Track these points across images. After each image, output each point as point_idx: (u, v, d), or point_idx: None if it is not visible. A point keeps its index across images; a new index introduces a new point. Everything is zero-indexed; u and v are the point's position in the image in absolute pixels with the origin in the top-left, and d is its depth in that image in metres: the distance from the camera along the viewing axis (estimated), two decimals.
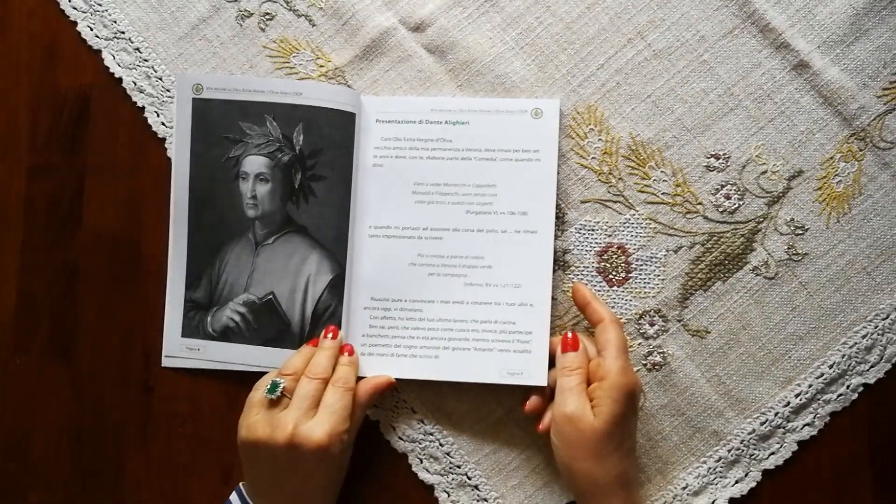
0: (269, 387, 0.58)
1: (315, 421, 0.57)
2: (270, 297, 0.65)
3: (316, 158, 0.65)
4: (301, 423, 0.57)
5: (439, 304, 0.63)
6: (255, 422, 0.58)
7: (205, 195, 0.66)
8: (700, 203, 0.65)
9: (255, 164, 0.65)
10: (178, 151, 0.66)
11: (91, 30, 0.69)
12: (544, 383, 0.61)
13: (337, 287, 0.64)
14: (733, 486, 0.63)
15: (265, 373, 0.62)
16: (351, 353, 0.62)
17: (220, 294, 0.65)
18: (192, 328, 0.66)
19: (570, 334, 0.60)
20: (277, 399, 0.58)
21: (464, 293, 0.63)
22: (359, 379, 0.62)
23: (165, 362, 0.66)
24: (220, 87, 0.65)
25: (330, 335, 0.62)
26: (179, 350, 0.66)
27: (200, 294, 0.66)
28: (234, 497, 0.60)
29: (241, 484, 0.61)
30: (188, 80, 0.66)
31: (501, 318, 0.62)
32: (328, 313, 0.64)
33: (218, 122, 0.65)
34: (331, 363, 0.61)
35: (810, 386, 0.63)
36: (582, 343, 0.60)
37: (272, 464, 0.57)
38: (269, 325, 0.65)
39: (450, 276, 0.63)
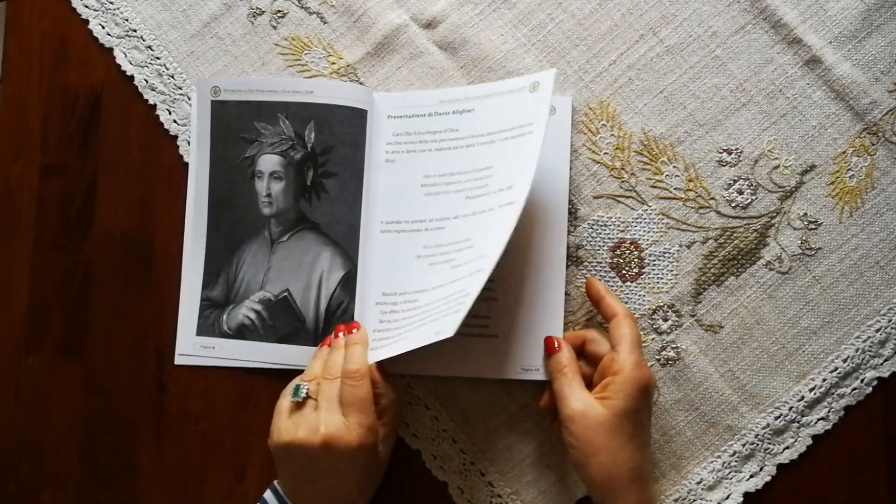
0: (293, 391, 0.58)
1: (344, 420, 0.57)
2: (286, 294, 0.65)
3: (327, 155, 0.65)
4: (331, 423, 0.56)
5: (430, 290, 0.62)
6: (286, 426, 0.58)
7: (223, 195, 0.66)
8: (713, 198, 0.65)
9: (269, 162, 0.65)
10: (198, 153, 0.66)
11: (103, 28, 0.69)
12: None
13: (349, 283, 0.64)
14: (748, 480, 0.63)
15: (280, 370, 0.62)
16: (357, 326, 0.61)
17: (236, 292, 0.66)
18: (207, 327, 0.66)
19: (554, 340, 0.61)
20: (303, 402, 0.58)
21: (448, 276, 0.62)
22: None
23: (179, 360, 0.66)
24: (236, 89, 0.66)
25: (341, 335, 0.62)
26: (193, 349, 0.66)
27: (217, 292, 0.66)
28: (268, 495, 0.60)
29: (275, 482, 0.61)
30: (207, 83, 0.66)
31: (458, 288, 0.59)
32: (341, 309, 0.64)
33: (235, 122, 0.66)
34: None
35: (824, 380, 0.63)
36: (564, 341, 0.60)
37: (307, 465, 0.57)
38: (284, 323, 0.65)
39: (442, 264, 0.63)
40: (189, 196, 0.66)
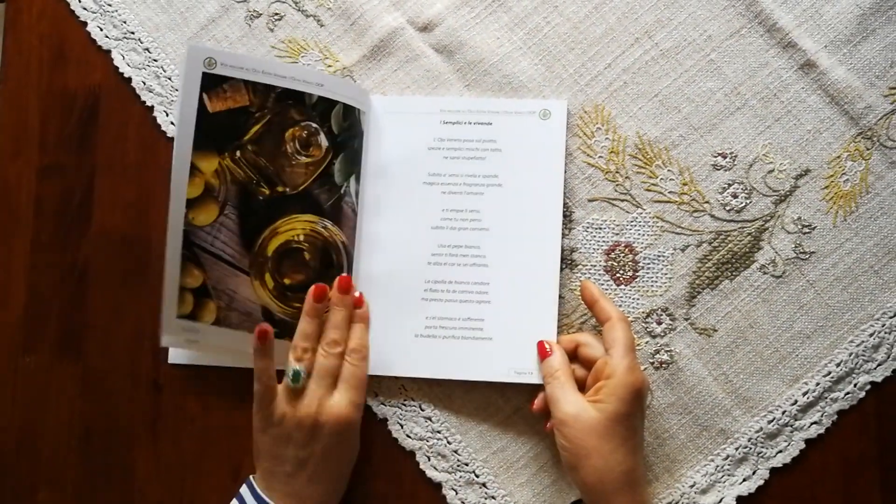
0: (291, 377, 0.58)
1: (338, 396, 0.58)
2: None
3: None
4: (324, 401, 0.58)
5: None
6: (276, 405, 0.58)
7: None
8: (707, 202, 0.65)
9: None
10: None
11: (101, 30, 0.69)
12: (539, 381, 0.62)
13: None
14: (741, 484, 0.63)
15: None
16: (361, 304, 0.62)
17: None
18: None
19: (546, 344, 0.61)
20: (301, 386, 0.58)
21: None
22: None
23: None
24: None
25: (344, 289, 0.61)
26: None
27: None
28: (244, 490, 0.60)
29: (250, 476, 0.61)
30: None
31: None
32: None
33: None
34: (347, 325, 0.60)
35: (818, 384, 0.63)
36: (556, 345, 0.61)
37: (293, 445, 0.58)
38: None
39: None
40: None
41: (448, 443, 0.65)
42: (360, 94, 0.65)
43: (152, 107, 0.68)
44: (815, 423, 0.63)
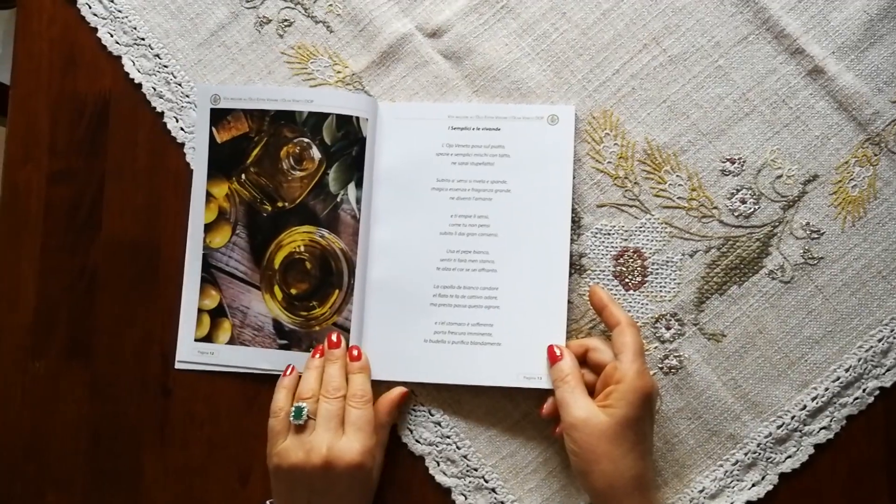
0: (293, 413, 0.59)
1: (346, 440, 0.58)
2: None
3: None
4: (333, 444, 0.58)
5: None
6: (286, 448, 0.59)
7: None
8: (715, 207, 0.65)
9: None
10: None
11: (111, 36, 0.69)
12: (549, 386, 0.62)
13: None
14: (750, 489, 0.63)
15: (279, 376, 0.63)
16: (359, 356, 0.63)
17: None
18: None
19: (556, 349, 0.61)
20: (304, 423, 0.59)
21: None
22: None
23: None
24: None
25: (335, 344, 0.63)
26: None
27: None
28: None
29: (268, 502, 0.61)
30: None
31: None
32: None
33: None
34: (343, 373, 0.62)
35: (826, 389, 0.63)
36: (566, 349, 0.61)
37: (308, 487, 0.58)
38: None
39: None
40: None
41: (457, 448, 0.65)
42: (356, 101, 0.66)
43: (162, 113, 0.69)
44: (824, 428, 0.63)
